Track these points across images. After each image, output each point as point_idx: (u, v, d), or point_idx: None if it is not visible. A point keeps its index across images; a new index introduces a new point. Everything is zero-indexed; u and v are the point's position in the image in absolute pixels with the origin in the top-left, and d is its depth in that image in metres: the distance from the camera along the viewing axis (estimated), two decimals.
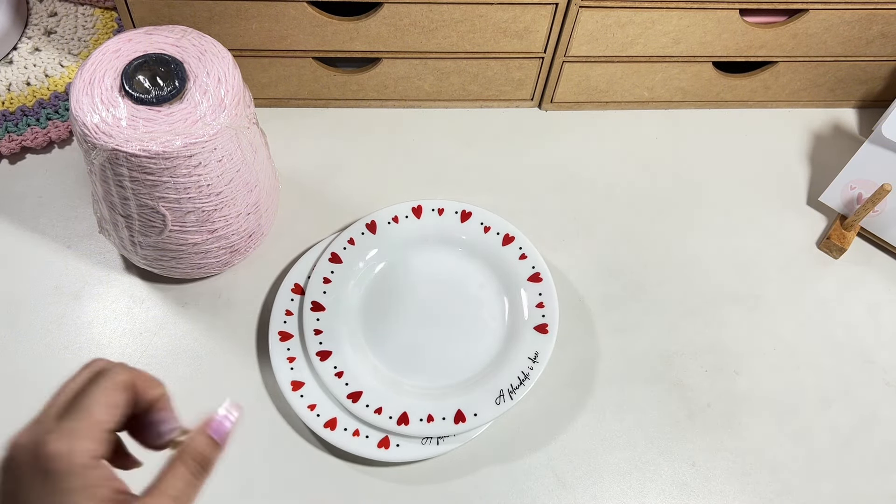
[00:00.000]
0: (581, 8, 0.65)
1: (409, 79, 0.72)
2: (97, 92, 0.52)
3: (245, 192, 0.58)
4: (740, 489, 0.59)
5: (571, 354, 0.63)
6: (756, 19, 0.69)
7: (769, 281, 0.68)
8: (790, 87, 0.77)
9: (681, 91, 0.76)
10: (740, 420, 0.62)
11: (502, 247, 0.65)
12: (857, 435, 0.62)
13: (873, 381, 0.64)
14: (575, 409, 0.61)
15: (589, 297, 0.66)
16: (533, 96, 0.76)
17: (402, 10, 0.65)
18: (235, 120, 0.53)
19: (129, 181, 0.52)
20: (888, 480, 0.60)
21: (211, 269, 0.63)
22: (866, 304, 0.68)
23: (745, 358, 0.65)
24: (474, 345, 0.62)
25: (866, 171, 0.67)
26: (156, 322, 0.63)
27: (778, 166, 0.75)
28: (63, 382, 0.36)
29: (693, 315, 0.66)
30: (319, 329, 0.61)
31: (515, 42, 0.69)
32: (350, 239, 0.64)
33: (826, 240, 0.70)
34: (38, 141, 0.69)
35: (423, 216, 0.66)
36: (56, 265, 0.65)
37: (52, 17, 0.76)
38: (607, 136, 0.76)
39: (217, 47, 0.55)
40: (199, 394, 0.60)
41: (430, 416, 0.57)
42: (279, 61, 0.70)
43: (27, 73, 0.73)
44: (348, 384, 0.58)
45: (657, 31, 0.69)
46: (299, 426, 0.59)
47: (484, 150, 0.74)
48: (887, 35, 0.71)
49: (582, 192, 0.72)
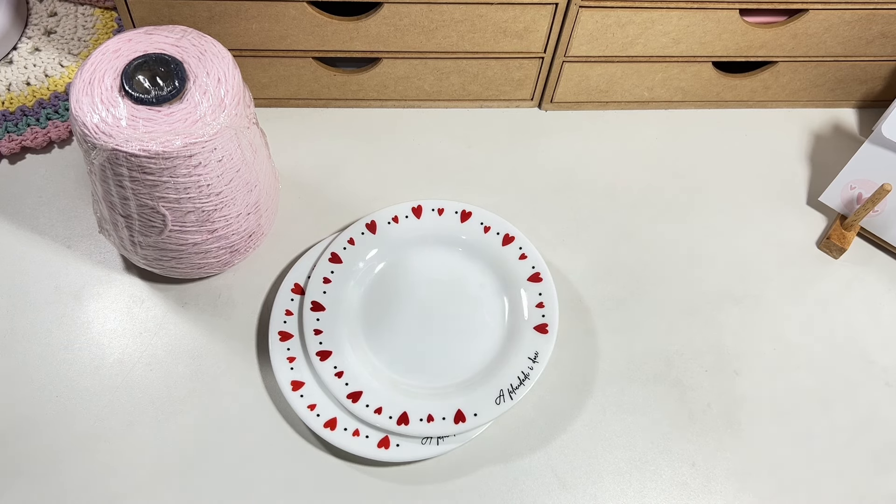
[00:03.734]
0: (581, 8, 0.65)
1: (408, 79, 0.72)
2: (97, 92, 0.52)
3: (245, 192, 0.58)
4: (740, 489, 0.59)
5: (571, 354, 0.63)
6: (756, 19, 0.69)
7: (769, 281, 0.68)
8: (790, 87, 0.77)
9: (681, 91, 0.76)
10: (740, 420, 0.62)
11: (502, 247, 0.65)
12: (857, 435, 0.62)
13: (873, 381, 0.64)
14: (575, 409, 0.61)
15: (589, 297, 0.66)
16: (533, 96, 0.76)
17: (402, 10, 0.65)
18: (235, 120, 0.53)
19: (129, 181, 0.52)
20: (888, 480, 0.60)
21: (211, 269, 0.63)
22: (866, 304, 0.68)
23: (745, 358, 0.65)
24: (474, 345, 0.62)
25: (866, 171, 0.67)
26: (156, 322, 0.63)
27: (778, 166, 0.75)
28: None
29: (693, 315, 0.66)
30: (319, 329, 0.61)
31: (515, 42, 0.69)
32: (350, 239, 0.64)
33: (826, 240, 0.70)
34: (38, 141, 0.69)
35: (423, 216, 0.66)
36: (56, 265, 0.65)
37: (52, 17, 0.77)
38: (607, 136, 0.76)
39: (217, 47, 0.55)
40: (199, 394, 0.60)
41: (430, 416, 0.57)
42: (279, 61, 0.70)
43: (27, 73, 0.73)
44: (348, 384, 0.58)
45: (657, 31, 0.69)
46: (299, 426, 0.59)
47: (484, 150, 0.74)
48: (887, 35, 0.71)
49: (582, 192, 0.72)
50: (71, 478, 0.56)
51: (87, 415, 0.59)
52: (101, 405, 0.59)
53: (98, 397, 0.59)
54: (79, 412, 0.59)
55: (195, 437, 0.58)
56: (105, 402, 0.59)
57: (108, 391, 0.60)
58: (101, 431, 0.58)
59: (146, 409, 0.59)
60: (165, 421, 0.59)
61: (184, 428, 0.59)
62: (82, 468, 0.57)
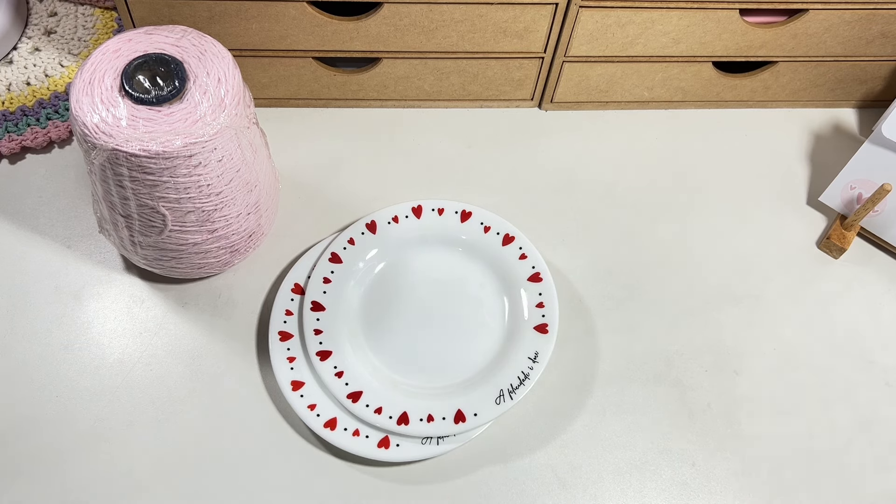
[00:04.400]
0: (581, 8, 0.65)
1: (409, 79, 0.72)
2: (97, 92, 0.52)
3: (245, 192, 0.58)
4: (740, 489, 0.59)
5: (571, 354, 0.63)
6: (756, 19, 0.69)
7: (769, 281, 0.68)
8: (790, 87, 0.77)
9: (681, 91, 0.76)
10: (740, 420, 0.62)
11: (502, 247, 0.65)
12: (857, 435, 0.62)
13: (873, 381, 0.64)
14: (575, 409, 0.61)
15: (589, 297, 0.66)
16: (533, 96, 0.76)
17: (402, 10, 0.65)
18: (235, 120, 0.53)
19: (129, 181, 0.52)
20: (888, 480, 0.60)
21: (211, 269, 0.63)
22: (866, 304, 0.68)
23: (745, 358, 0.65)
24: (474, 345, 0.62)
25: (866, 171, 0.67)
26: (156, 322, 0.63)
27: (778, 166, 0.75)
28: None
29: (693, 315, 0.66)
30: (319, 329, 0.61)
31: (515, 42, 0.69)
32: (350, 239, 0.64)
33: (826, 240, 0.70)
34: (38, 141, 0.69)
35: (423, 216, 0.66)
36: (56, 265, 0.65)
37: (52, 16, 0.77)
38: (607, 136, 0.76)
39: (217, 47, 0.55)
40: (199, 394, 0.60)
41: (430, 416, 0.57)
42: (279, 61, 0.70)
43: (27, 73, 0.73)
44: (348, 384, 0.58)
45: (657, 31, 0.69)
46: (299, 426, 0.59)
47: (484, 150, 0.74)
48: (887, 35, 0.71)
49: (582, 191, 0.72)
50: (71, 478, 0.56)
51: (88, 415, 0.59)
52: (101, 405, 0.59)
53: (98, 397, 0.59)
54: (79, 412, 0.59)
55: (195, 437, 0.58)
56: (105, 402, 0.59)
57: (108, 391, 0.60)
58: (101, 431, 0.58)
59: (146, 409, 0.59)
60: (165, 421, 0.59)
61: (184, 428, 0.59)
62: (82, 468, 0.57)
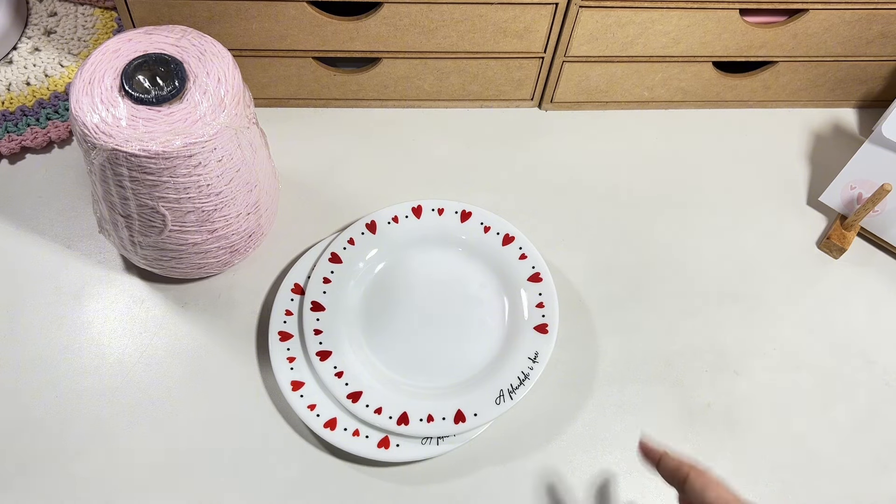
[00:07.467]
0: (581, 8, 0.65)
1: (409, 79, 0.72)
2: (97, 92, 0.52)
3: (245, 192, 0.58)
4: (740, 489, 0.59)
5: (571, 354, 0.63)
6: (756, 19, 0.69)
7: (769, 281, 0.68)
8: (790, 87, 0.77)
9: (681, 91, 0.76)
10: (740, 420, 0.62)
11: (502, 247, 0.65)
12: (857, 435, 0.62)
13: (873, 381, 0.64)
14: (575, 409, 0.61)
15: (589, 297, 0.66)
16: (533, 96, 0.76)
17: (402, 10, 0.65)
18: (235, 120, 0.53)
19: (129, 181, 0.52)
20: (888, 480, 0.60)
21: (211, 269, 0.63)
22: (866, 304, 0.68)
23: (745, 358, 0.65)
24: (474, 345, 0.62)
25: (866, 171, 0.67)
26: (156, 322, 0.63)
27: (778, 166, 0.75)
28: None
29: (693, 315, 0.66)
30: (319, 329, 0.60)
31: (515, 42, 0.69)
32: (350, 239, 0.64)
33: (826, 240, 0.70)
34: (37, 141, 0.69)
35: (423, 216, 0.66)
36: (56, 265, 0.65)
37: (52, 16, 0.76)
38: (607, 136, 0.76)
39: (217, 47, 0.55)
40: (199, 394, 0.60)
41: (430, 416, 0.57)
42: (279, 61, 0.70)
43: (27, 73, 0.73)
44: (348, 384, 0.58)
45: (657, 31, 0.69)
46: (299, 426, 0.59)
47: (484, 150, 0.74)
48: (887, 35, 0.71)
49: (582, 191, 0.72)
50: (71, 478, 0.56)
51: (88, 415, 0.59)
52: (101, 405, 0.59)
53: (98, 397, 0.59)
54: (79, 412, 0.59)
55: (195, 437, 0.58)
56: (105, 402, 0.59)
57: (108, 391, 0.60)
58: (101, 431, 0.58)
59: (146, 409, 0.59)
60: (165, 421, 0.59)
61: (184, 428, 0.59)
62: (82, 468, 0.57)
